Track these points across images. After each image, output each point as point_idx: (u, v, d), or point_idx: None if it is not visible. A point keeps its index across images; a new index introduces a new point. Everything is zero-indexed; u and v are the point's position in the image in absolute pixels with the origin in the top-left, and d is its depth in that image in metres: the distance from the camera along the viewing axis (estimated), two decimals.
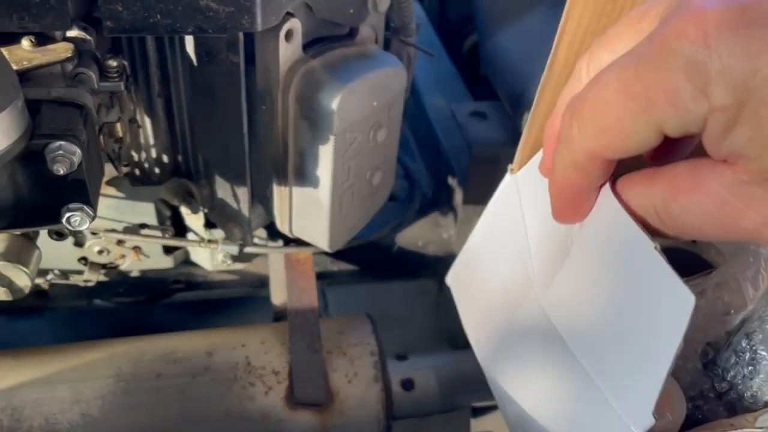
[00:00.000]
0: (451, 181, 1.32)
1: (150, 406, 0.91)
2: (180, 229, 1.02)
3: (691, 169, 0.40)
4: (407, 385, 1.05)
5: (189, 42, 0.78)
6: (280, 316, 1.13)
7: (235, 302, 1.94)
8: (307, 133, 0.79)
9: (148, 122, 0.89)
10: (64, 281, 1.00)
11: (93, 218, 0.65)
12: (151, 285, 1.25)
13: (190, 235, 1.02)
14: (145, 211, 0.97)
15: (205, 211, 0.97)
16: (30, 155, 0.59)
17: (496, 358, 0.70)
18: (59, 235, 0.83)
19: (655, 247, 0.43)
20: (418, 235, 1.34)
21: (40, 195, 0.63)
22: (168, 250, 1.05)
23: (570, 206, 0.50)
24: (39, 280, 0.96)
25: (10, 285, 0.73)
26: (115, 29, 0.65)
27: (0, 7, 0.61)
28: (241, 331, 1.02)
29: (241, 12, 0.66)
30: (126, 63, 0.76)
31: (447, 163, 1.33)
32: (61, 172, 0.59)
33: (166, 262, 1.06)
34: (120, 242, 0.98)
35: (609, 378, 0.50)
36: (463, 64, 1.68)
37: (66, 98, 0.65)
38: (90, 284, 1.00)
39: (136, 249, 1.01)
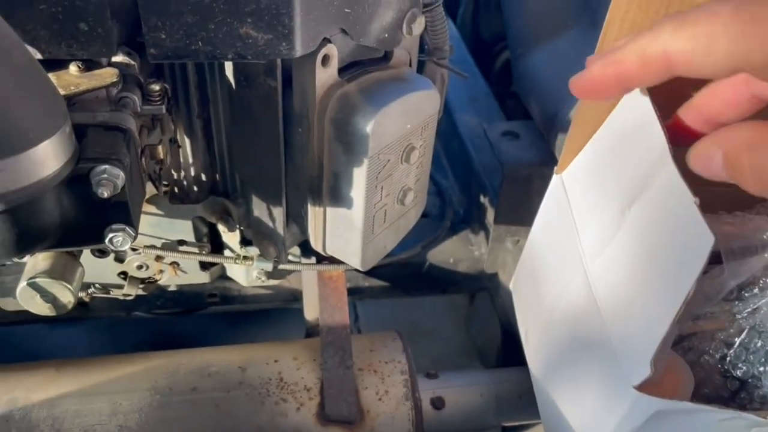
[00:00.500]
0: (483, 200, 1.32)
1: (185, 419, 0.93)
2: (216, 245, 1.05)
3: None
4: (437, 403, 1.05)
5: (228, 66, 0.80)
6: (312, 331, 1.14)
7: (266, 314, 1.96)
8: (342, 155, 0.80)
9: (187, 142, 0.92)
10: (104, 295, 1.03)
11: (134, 238, 0.67)
12: (187, 298, 1.28)
13: (226, 252, 1.04)
14: (183, 228, 0.99)
15: (241, 228, 0.99)
16: (76, 178, 0.62)
17: (540, 345, 0.76)
18: (102, 253, 0.86)
19: (695, 202, 0.47)
20: (449, 253, 1.35)
21: (84, 216, 0.65)
22: (204, 265, 1.07)
23: (599, 84, 0.51)
24: (81, 294, 0.99)
25: (54, 301, 0.75)
26: (158, 56, 0.67)
27: (50, 35, 0.64)
28: (274, 347, 1.03)
29: (279, 39, 0.68)
30: (167, 86, 0.78)
31: (479, 181, 1.33)
32: (105, 195, 0.61)
33: (202, 278, 1.08)
34: (159, 258, 1.01)
35: (622, 331, 0.54)
36: (495, 82, 1.69)
37: (111, 122, 0.68)
38: (129, 298, 1.03)
39: (174, 264, 1.03)
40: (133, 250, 0.99)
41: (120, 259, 1.01)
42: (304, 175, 0.86)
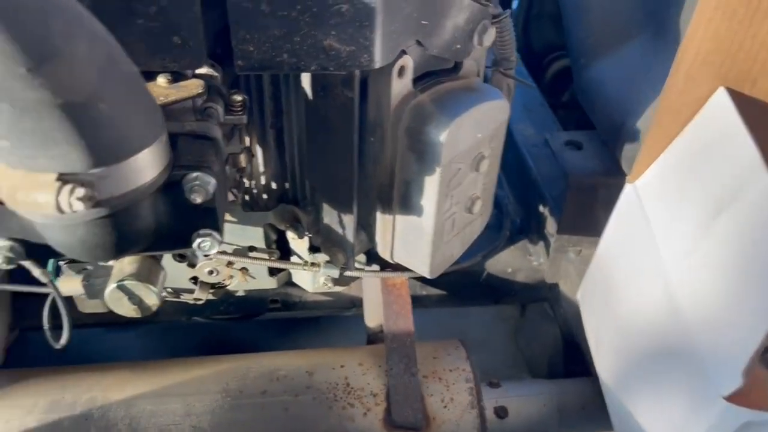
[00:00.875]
0: (543, 209, 1.32)
1: (256, 422, 0.95)
2: (284, 252, 1.07)
3: None
4: (501, 412, 1.06)
5: (305, 77, 0.83)
6: (374, 338, 1.16)
7: (316, 321, 1.99)
8: (414, 164, 0.82)
9: (259, 151, 0.94)
10: (175, 299, 1.06)
11: (221, 243, 0.69)
12: (250, 303, 1.31)
13: (293, 258, 1.07)
14: (254, 235, 1.02)
15: (310, 235, 1.01)
16: (170, 185, 0.64)
17: (614, 355, 0.76)
18: (182, 257, 0.89)
19: None
20: (507, 263, 1.35)
21: (174, 221, 0.68)
22: (273, 271, 1.10)
23: None
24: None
25: (140, 303, 0.78)
26: (245, 67, 0.70)
27: (146, 48, 0.67)
28: (339, 352, 1.05)
29: (361, 51, 0.70)
30: (247, 97, 0.81)
31: (538, 190, 1.33)
32: (198, 201, 0.64)
33: (270, 283, 1.10)
34: (229, 264, 1.03)
35: (711, 340, 0.53)
36: (546, 92, 1.68)
37: (199, 131, 0.70)
38: (199, 302, 1.06)
39: (244, 270, 1.06)
40: (205, 255, 1.02)
41: (192, 264, 1.04)
42: (375, 183, 0.88)
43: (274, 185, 0.98)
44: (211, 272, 1.05)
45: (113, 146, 0.55)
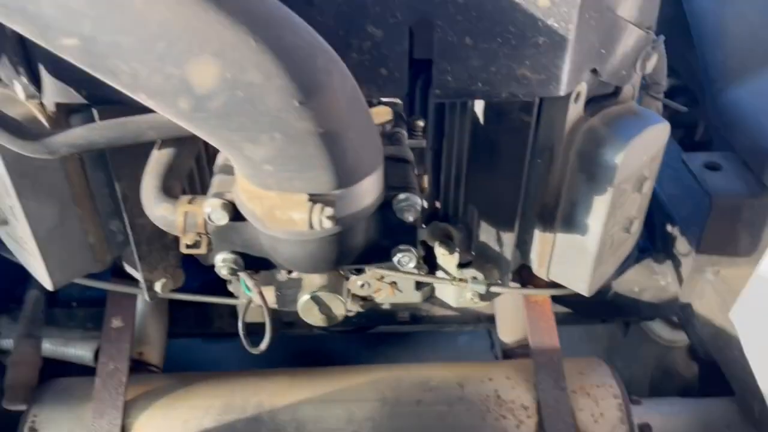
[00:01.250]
0: (671, 229, 1.33)
1: (413, 429, 0.99)
2: (430, 267, 1.11)
3: None
4: (645, 430, 1.07)
5: (478, 104, 0.87)
6: (510, 353, 1.19)
7: (404, 337, 2.03)
8: (584, 184, 0.85)
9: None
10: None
11: (417, 259, 0.74)
12: (381, 316, 1.36)
13: (439, 274, 1.11)
14: None
15: (459, 251, 1.05)
16: (382, 205, 0.69)
17: None
18: (358, 271, 0.94)
19: None
20: (633, 281, 1.35)
21: (379, 238, 0.73)
22: (418, 286, 1.14)
23: None
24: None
25: (329, 313, 0.84)
26: (441, 96, 0.75)
27: (357, 79, 0.72)
28: (486, 366, 1.09)
29: (551, 79, 0.74)
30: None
31: (663, 210, 1.34)
32: (410, 219, 0.69)
33: (415, 297, 1.15)
34: (381, 278, 1.09)
35: None
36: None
37: (398, 155, 0.76)
38: (350, 314, 1.11)
39: (393, 284, 1.11)
40: (358, 270, 1.08)
41: (345, 277, 1.09)
42: (537, 203, 0.92)
43: (425, 204, 1.03)
44: (362, 285, 1.10)
45: (353, 169, 0.61)
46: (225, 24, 0.52)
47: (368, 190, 0.65)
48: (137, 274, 0.98)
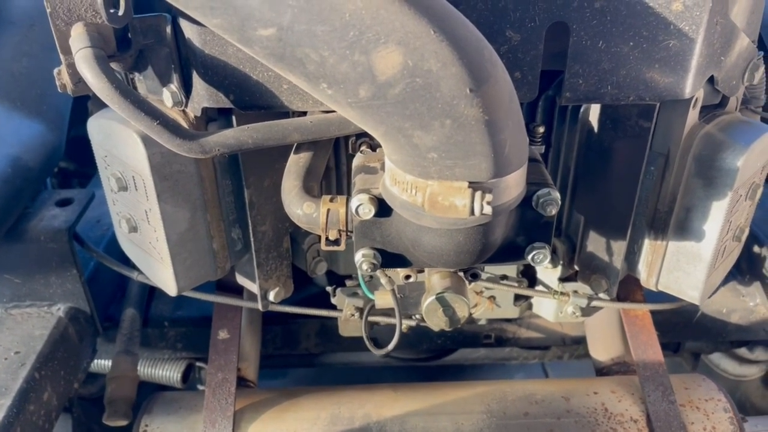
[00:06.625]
0: (758, 250, 1.33)
1: None
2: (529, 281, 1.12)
3: None
4: None
5: (594, 110, 0.89)
6: (607, 370, 1.18)
7: (461, 369, 2.00)
8: (701, 190, 0.86)
9: None
10: (423, 324, 1.13)
11: (549, 258, 0.76)
12: (465, 337, 1.36)
13: (538, 287, 1.12)
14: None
15: (562, 264, 1.06)
16: (523, 199, 0.71)
17: None
18: (474, 276, 0.95)
19: None
20: (721, 303, 1.35)
21: (514, 234, 0.75)
22: (517, 300, 1.15)
23: None
24: (411, 322, 1.09)
25: (452, 315, 0.85)
26: (571, 99, 0.77)
27: None
28: (588, 381, 1.08)
29: (677, 81, 0.76)
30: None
31: (750, 231, 1.34)
32: (552, 213, 0.71)
33: (513, 312, 1.16)
34: (480, 291, 1.10)
35: None
36: None
37: (531, 155, 0.78)
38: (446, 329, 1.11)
39: (491, 299, 1.12)
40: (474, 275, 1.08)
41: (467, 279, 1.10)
42: (648, 210, 0.93)
43: None
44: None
45: (508, 160, 0.63)
46: (409, 15, 0.55)
47: (518, 182, 0.67)
48: (251, 285, 1.00)
